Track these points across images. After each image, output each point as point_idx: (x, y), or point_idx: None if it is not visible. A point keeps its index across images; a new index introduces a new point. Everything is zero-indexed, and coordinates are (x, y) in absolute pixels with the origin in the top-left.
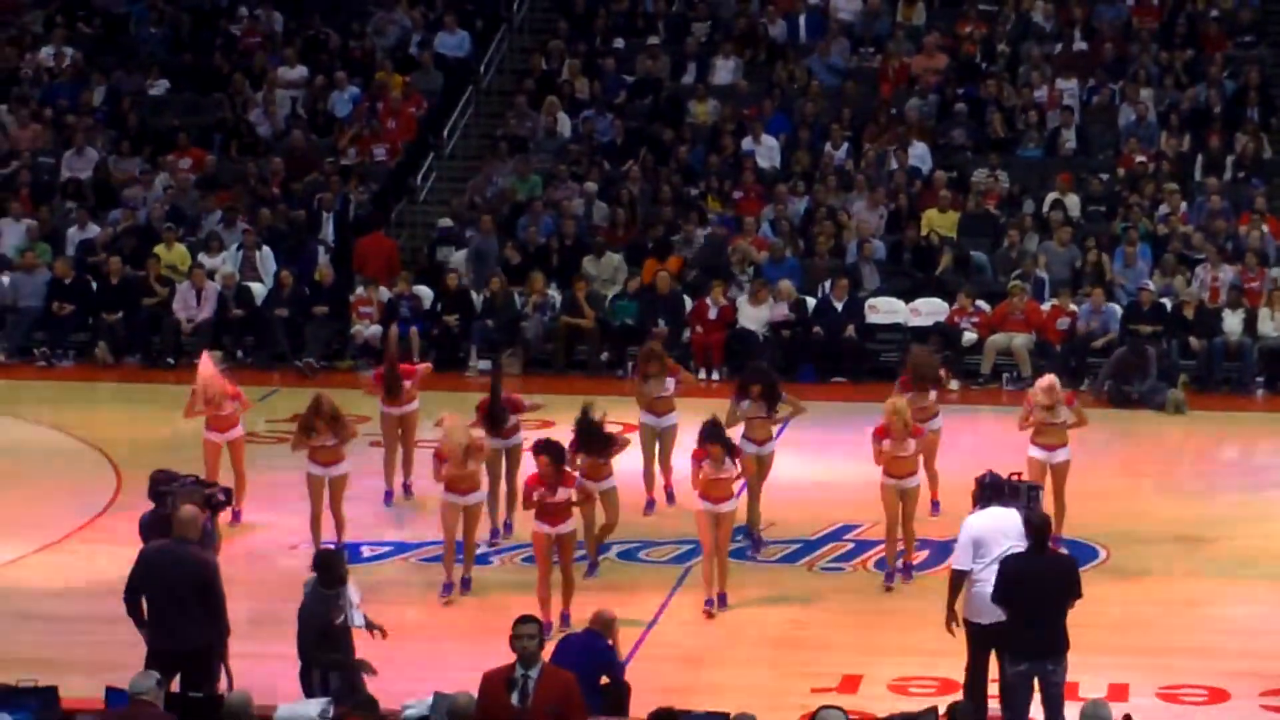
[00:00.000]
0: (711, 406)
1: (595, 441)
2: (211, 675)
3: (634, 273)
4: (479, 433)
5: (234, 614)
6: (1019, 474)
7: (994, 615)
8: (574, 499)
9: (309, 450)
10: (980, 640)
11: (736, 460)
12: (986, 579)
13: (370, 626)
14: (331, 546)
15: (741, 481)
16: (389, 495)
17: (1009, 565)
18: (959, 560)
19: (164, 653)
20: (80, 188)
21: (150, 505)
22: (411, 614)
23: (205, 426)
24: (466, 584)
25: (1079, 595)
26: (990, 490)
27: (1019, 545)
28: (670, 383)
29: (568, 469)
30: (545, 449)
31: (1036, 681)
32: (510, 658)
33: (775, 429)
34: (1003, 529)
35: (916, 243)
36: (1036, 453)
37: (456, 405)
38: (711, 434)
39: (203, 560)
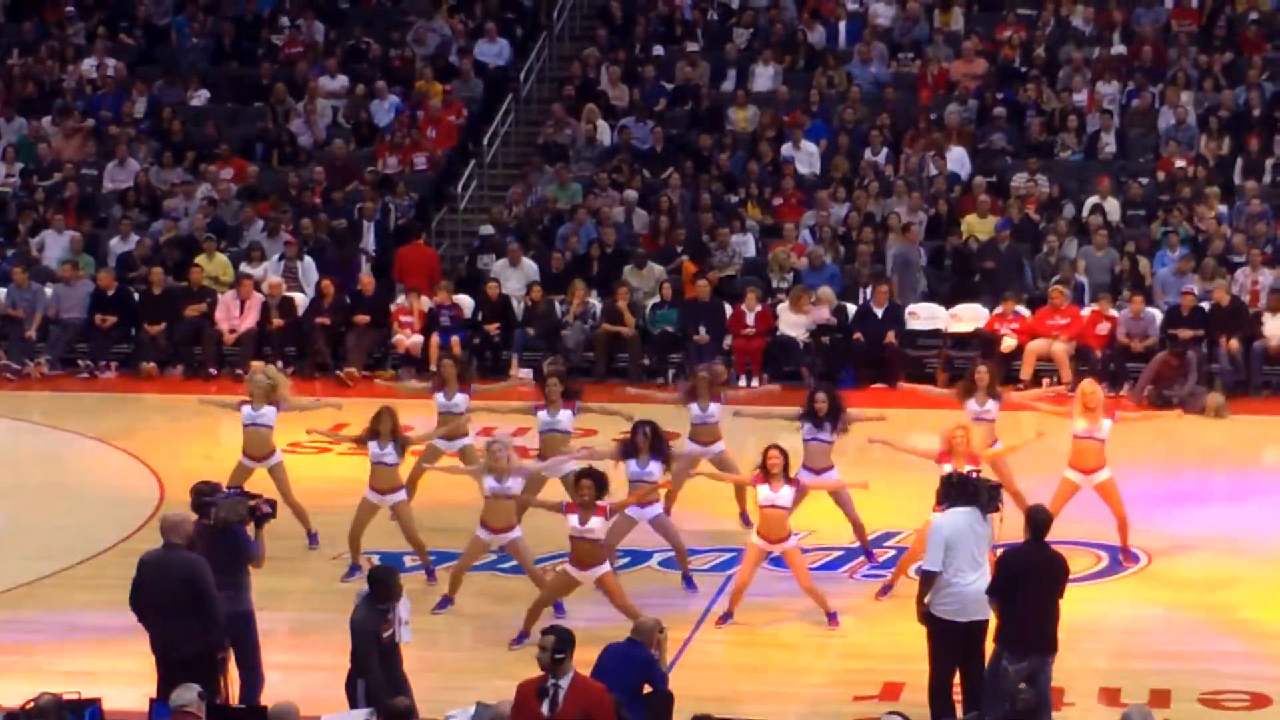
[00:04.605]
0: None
1: (659, 446)
2: (214, 682)
3: (674, 280)
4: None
5: (276, 623)
6: (978, 472)
7: (975, 613)
8: (599, 535)
9: (370, 475)
10: (958, 640)
11: (796, 488)
12: (961, 580)
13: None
14: (379, 562)
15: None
16: None
17: (1009, 558)
18: (931, 561)
19: (164, 660)
20: (130, 197)
21: (193, 517)
22: (454, 623)
23: (242, 451)
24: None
25: (1062, 594)
26: (955, 490)
27: (984, 545)
28: (715, 409)
29: (602, 503)
30: (589, 474)
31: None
32: None
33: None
34: (972, 528)
35: (956, 248)
36: (1073, 475)
37: (498, 417)
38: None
39: (189, 564)
